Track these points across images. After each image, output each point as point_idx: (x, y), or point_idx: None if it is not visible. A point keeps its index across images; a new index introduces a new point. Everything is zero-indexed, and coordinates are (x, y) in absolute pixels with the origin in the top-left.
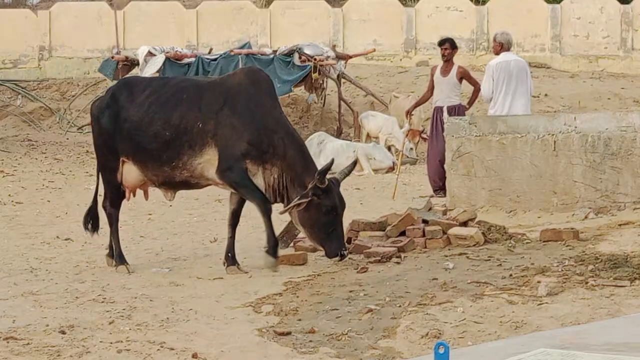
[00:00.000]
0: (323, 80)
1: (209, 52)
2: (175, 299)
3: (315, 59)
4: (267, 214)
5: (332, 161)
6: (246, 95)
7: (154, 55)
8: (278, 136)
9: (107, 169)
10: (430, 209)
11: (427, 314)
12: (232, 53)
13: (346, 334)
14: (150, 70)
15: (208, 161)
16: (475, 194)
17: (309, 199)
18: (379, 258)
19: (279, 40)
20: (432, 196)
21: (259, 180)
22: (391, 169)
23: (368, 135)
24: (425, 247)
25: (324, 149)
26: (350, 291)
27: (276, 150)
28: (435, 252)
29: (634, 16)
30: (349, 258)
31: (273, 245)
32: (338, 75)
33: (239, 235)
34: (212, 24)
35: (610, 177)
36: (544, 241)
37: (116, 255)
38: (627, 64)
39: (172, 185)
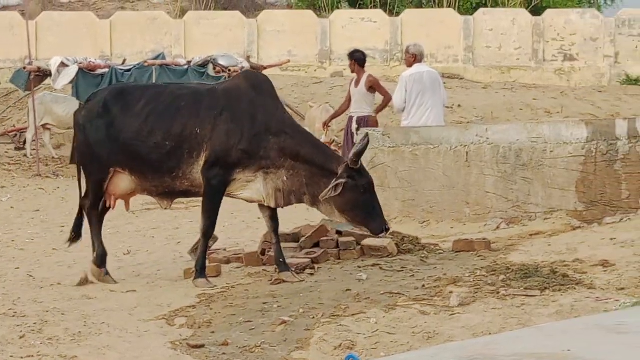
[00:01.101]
0: None
1: (123, 63)
2: (88, 312)
3: (229, 70)
4: (207, 237)
5: (368, 141)
6: (247, 100)
7: (67, 66)
8: (285, 137)
9: (94, 178)
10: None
11: (340, 325)
12: (146, 64)
13: (259, 346)
14: (62, 81)
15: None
16: (389, 204)
17: (345, 180)
18: (293, 269)
19: (193, 50)
20: None
21: (258, 186)
22: None
23: None
24: (339, 259)
25: None
26: (264, 303)
27: (285, 151)
28: (349, 263)
29: (545, 28)
30: (263, 270)
31: (201, 267)
32: None
33: (152, 247)
34: (125, 34)
35: (521, 187)
36: (456, 251)
37: (96, 257)
38: (539, 75)
39: (171, 195)
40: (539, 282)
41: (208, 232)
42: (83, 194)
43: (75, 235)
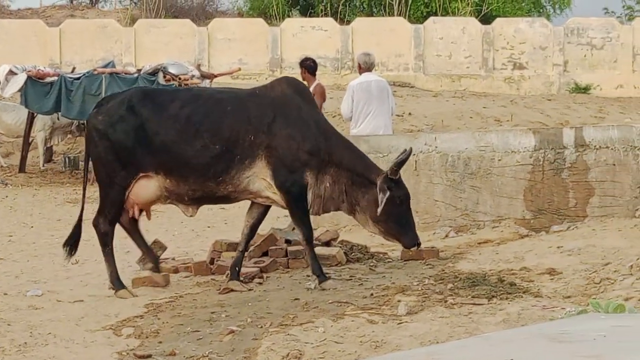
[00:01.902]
0: None
1: (72, 71)
2: (34, 322)
3: (179, 78)
4: (310, 241)
5: (410, 152)
6: (295, 105)
7: (16, 74)
8: (330, 143)
9: (115, 185)
10: (293, 228)
11: (288, 334)
12: (96, 72)
13: (207, 356)
14: (11, 89)
15: (255, 174)
16: (339, 213)
17: (388, 193)
18: (242, 279)
19: (143, 58)
20: None
21: (308, 194)
22: None
23: None
24: (288, 267)
25: None
26: (212, 312)
27: (331, 157)
28: (298, 272)
29: (494, 36)
30: (212, 279)
31: (319, 272)
32: None
33: (101, 257)
34: (75, 42)
35: (469, 196)
36: (405, 260)
37: (113, 279)
38: (489, 83)
39: (205, 200)
40: (487, 291)
41: (310, 238)
42: (96, 212)
43: (71, 249)
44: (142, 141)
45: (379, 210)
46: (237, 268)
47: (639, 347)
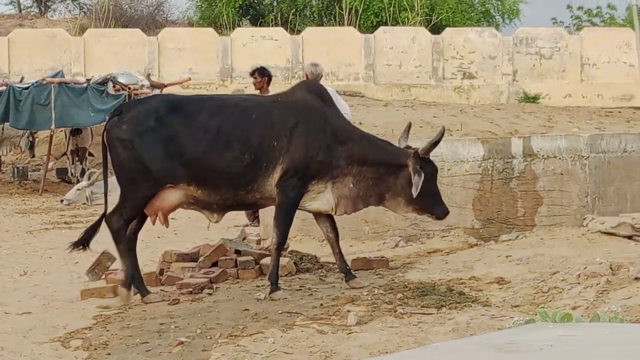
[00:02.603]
0: None
1: (21, 81)
2: None
3: (129, 88)
4: (280, 248)
5: (444, 130)
6: (316, 111)
7: None
8: (352, 144)
9: (139, 193)
10: (244, 238)
11: (237, 345)
12: (44, 82)
13: None
14: None
15: (277, 179)
16: None
17: (422, 173)
18: (191, 289)
19: (93, 68)
20: (246, 225)
21: (328, 196)
22: None
23: None
24: (238, 278)
25: None
26: (161, 324)
27: (353, 158)
28: (248, 282)
29: (444, 46)
30: (161, 290)
31: (275, 281)
32: None
33: (49, 268)
34: (24, 51)
35: None
36: (355, 270)
37: (129, 276)
38: (439, 93)
39: (233, 208)
40: (436, 300)
41: (281, 244)
42: (112, 210)
43: (83, 243)
44: (173, 153)
45: (415, 191)
46: (347, 268)
47: (585, 356)
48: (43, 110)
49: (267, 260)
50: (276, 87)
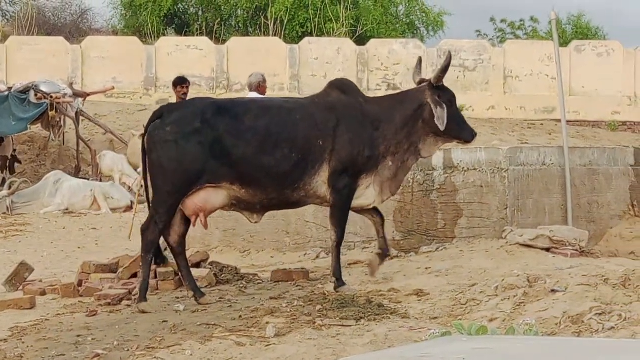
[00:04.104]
0: (60, 118)
1: None
2: None
3: (51, 97)
4: (340, 244)
5: (450, 55)
6: (353, 108)
7: None
8: (383, 125)
9: (175, 194)
10: (165, 249)
11: (155, 357)
12: None
13: None
14: None
15: (322, 178)
16: (210, 234)
17: (443, 103)
18: (110, 301)
19: (16, 76)
20: None
21: (371, 190)
22: (129, 208)
23: (103, 175)
24: (157, 289)
25: (61, 188)
26: (78, 336)
27: (387, 137)
28: (167, 294)
29: (369, 57)
30: (79, 301)
31: (339, 276)
32: (76, 113)
33: None
34: None
35: None
36: (275, 281)
37: (142, 288)
38: None
39: (277, 207)
40: (355, 312)
41: (340, 241)
42: (146, 221)
43: (160, 259)
44: (219, 153)
45: (442, 124)
46: (386, 250)
47: None
48: None
49: None
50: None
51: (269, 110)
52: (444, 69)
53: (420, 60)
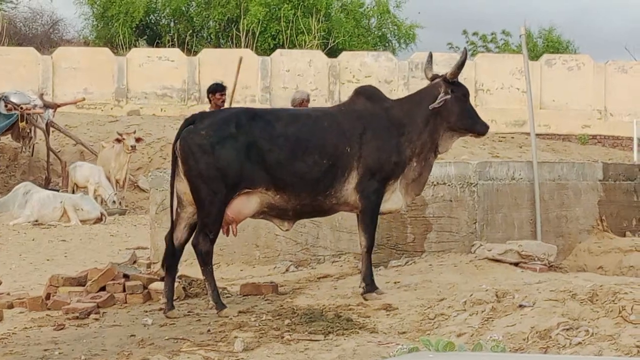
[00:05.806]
0: (30, 129)
1: None
2: None
3: (21, 108)
4: (371, 251)
5: (466, 50)
6: (378, 115)
7: None
8: (405, 129)
9: (217, 202)
10: (134, 262)
11: None
12: None
13: None
14: None
15: (352, 185)
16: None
17: (450, 95)
18: (77, 314)
19: None
20: (137, 248)
21: (397, 193)
22: (99, 220)
23: (76, 186)
24: (126, 303)
25: (30, 199)
26: (45, 350)
27: (412, 141)
28: (136, 307)
29: (340, 70)
30: (47, 315)
31: (370, 281)
32: (46, 124)
33: None
34: None
35: (310, 230)
36: (244, 295)
37: (215, 298)
38: None
39: (309, 214)
40: (324, 326)
41: (371, 248)
42: (195, 234)
43: (171, 271)
44: (254, 158)
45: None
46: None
47: None
48: None
49: (156, 285)
50: (172, 109)
51: (297, 118)
52: (460, 65)
53: (430, 55)
